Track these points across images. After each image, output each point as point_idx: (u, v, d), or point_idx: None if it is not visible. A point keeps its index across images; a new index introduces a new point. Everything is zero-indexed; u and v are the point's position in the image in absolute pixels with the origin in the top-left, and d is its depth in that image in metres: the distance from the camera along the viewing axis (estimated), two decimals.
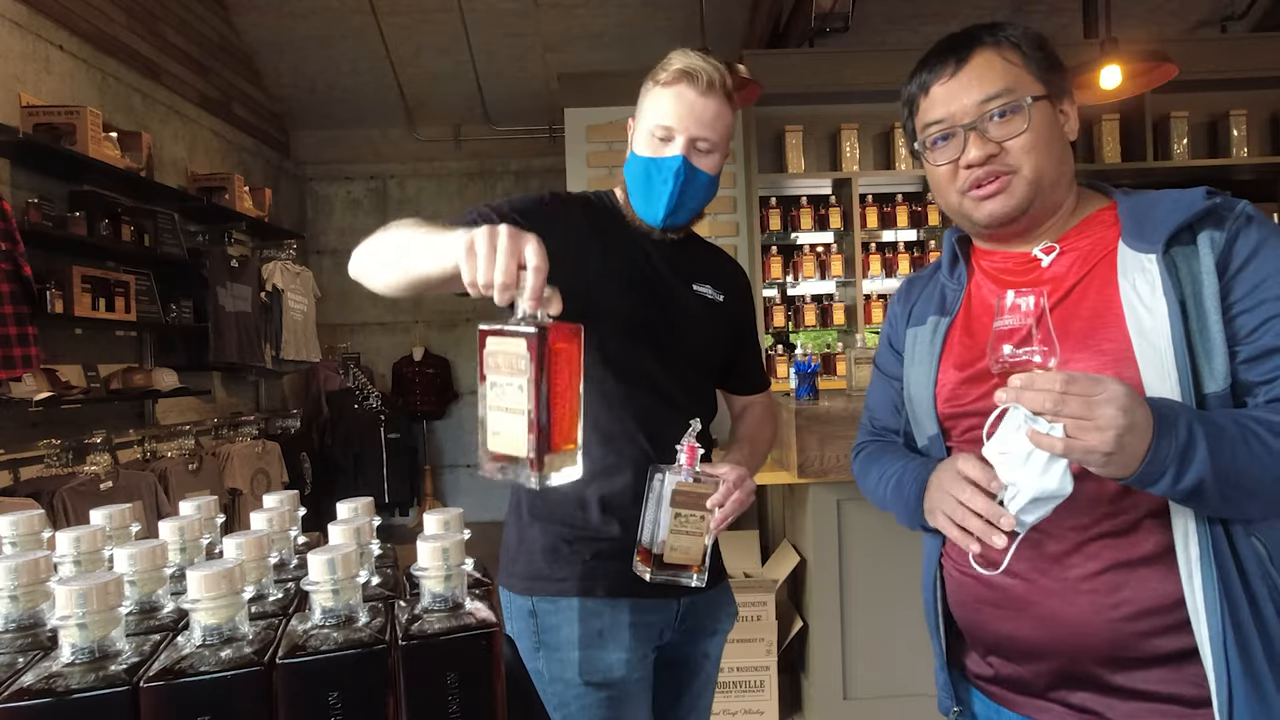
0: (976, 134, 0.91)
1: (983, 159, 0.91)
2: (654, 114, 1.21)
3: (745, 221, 4.39)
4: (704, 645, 1.32)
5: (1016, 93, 0.91)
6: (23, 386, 2.83)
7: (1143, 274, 0.84)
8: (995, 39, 0.94)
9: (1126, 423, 0.71)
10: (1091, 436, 0.72)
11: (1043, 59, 0.94)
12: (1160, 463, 0.74)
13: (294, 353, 4.64)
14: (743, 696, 2.53)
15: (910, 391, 1.04)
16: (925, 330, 1.02)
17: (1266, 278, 0.81)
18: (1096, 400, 0.72)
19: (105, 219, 3.28)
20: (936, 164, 0.96)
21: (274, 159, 5.39)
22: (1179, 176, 4.54)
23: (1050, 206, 0.94)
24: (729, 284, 1.37)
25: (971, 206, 0.95)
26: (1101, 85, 3.07)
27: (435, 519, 0.75)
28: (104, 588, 0.54)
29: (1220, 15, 4.91)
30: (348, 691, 0.57)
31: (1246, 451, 0.75)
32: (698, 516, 1.06)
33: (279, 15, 4.65)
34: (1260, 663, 0.79)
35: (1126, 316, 0.84)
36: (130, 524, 0.77)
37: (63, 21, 3.34)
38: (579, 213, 1.28)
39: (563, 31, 4.81)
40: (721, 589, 1.34)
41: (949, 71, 0.94)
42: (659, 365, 1.26)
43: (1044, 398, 0.73)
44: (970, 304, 1.01)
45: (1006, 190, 0.92)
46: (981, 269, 1.02)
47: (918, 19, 4.87)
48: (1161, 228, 0.85)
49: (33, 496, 2.68)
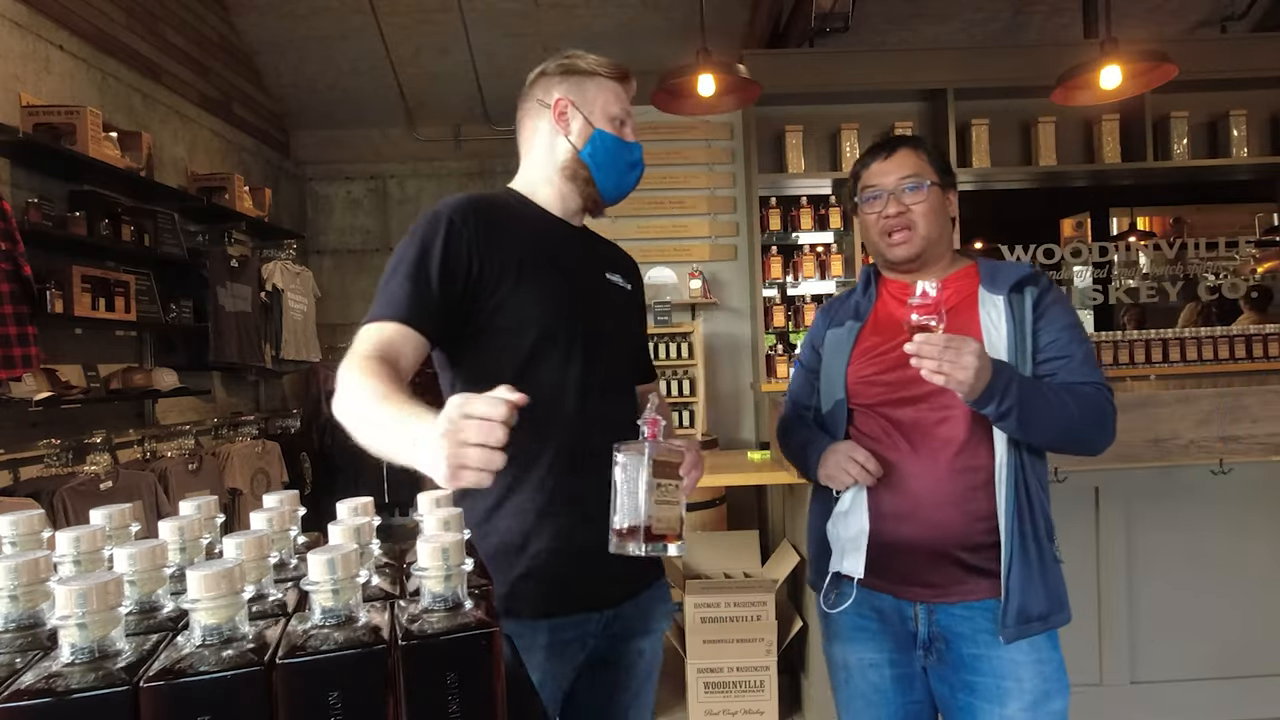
0: (894, 197, 1.42)
1: (896, 213, 1.41)
2: (614, 101, 1.29)
3: (745, 221, 4.39)
4: (637, 644, 1.29)
5: (922, 177, 1.42)
6: (23, 386, 2.83)
7: (994, 308, 1.37)
8: (913, 143, 1.46)
9: (979, 364, 1.18)
10: (960, 372, 1.17)
11: (940, 163, 1.46)
12: (993, 391, 1.21)
13: (294, 353, 4.64)
14: (743, 696, 2.53)
15: (828, 371, 1.49)
16: (843, 330, 1.48)
17: (1054, 320, 1.37)
18: (964, 351, 1.17)
19: (105, 219, 3.28)
20: (867, 214, 1.46)
21: (274, 159, 5.38)
22: (1179, 176, 4.54)
23: (936, 256, 1.45)
24: (630, 273, 1.42)
25: (886, 248, 1.45)
26: (1101, 85, 3.08)
27: (435, 519, 0.75)
28: (104, 588, 0.54)
29: (1220, 15, 4.91)
30: (348, 691, 0.57)
31: (1038, 397, 1.25)
32: (674, 485, 1.07)
33: (279, 15, 4.65)
34: (1031, 549, 1.30)
35: (982, 332, 1.34)
36: (130, 524, 0.77)
37: (63, 21, 3.34)
38: (508, 212, 1.26)
39: (563, 31, 4.81)
40: (656, 592, 1.32)
41: (884, 156, 1.46)
42: (599, 357, 1.24)
43: (934, 349, 1.18)
44: (877, 315, 1.47)
45: (909, 241, 1.41)
46: (889, 292, 1.49)
47: (918, 19, 4.87)
48: (1005, 282, 1.37)
49: (33, 496, 2.68)
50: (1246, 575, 2.45)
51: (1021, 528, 1.29)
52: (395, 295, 1.11)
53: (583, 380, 1.21)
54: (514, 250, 1.19)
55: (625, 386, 1.34)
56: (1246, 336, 4.24)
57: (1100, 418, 1.31)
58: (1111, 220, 6.36)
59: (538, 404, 1.08)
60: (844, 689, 1.48)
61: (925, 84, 4.17)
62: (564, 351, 1.20)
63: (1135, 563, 2.46)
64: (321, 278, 5.26)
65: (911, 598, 1.37)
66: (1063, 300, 1.41)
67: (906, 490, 1.35)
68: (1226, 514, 2.45)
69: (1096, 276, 4.71)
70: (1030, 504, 1.31)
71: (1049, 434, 1.29)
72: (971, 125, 4.21)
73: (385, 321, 1.09)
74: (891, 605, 1.39)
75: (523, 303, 1.17)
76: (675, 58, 3.25)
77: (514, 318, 1.17)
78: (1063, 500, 2.39)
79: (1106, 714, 2.45)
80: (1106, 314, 5.42)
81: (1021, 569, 1.28)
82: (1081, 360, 1.35)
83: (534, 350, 1.18)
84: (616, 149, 1.28)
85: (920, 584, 1.35)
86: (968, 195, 4.32)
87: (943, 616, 1.35)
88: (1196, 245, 4.53)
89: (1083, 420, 1.28)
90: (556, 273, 1.23)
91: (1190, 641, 2.46)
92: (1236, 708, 2.44)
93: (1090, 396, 1.30)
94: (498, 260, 1.17)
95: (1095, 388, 1.32)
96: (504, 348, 1.18)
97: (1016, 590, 1.28)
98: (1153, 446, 2.22)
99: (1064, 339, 1.36)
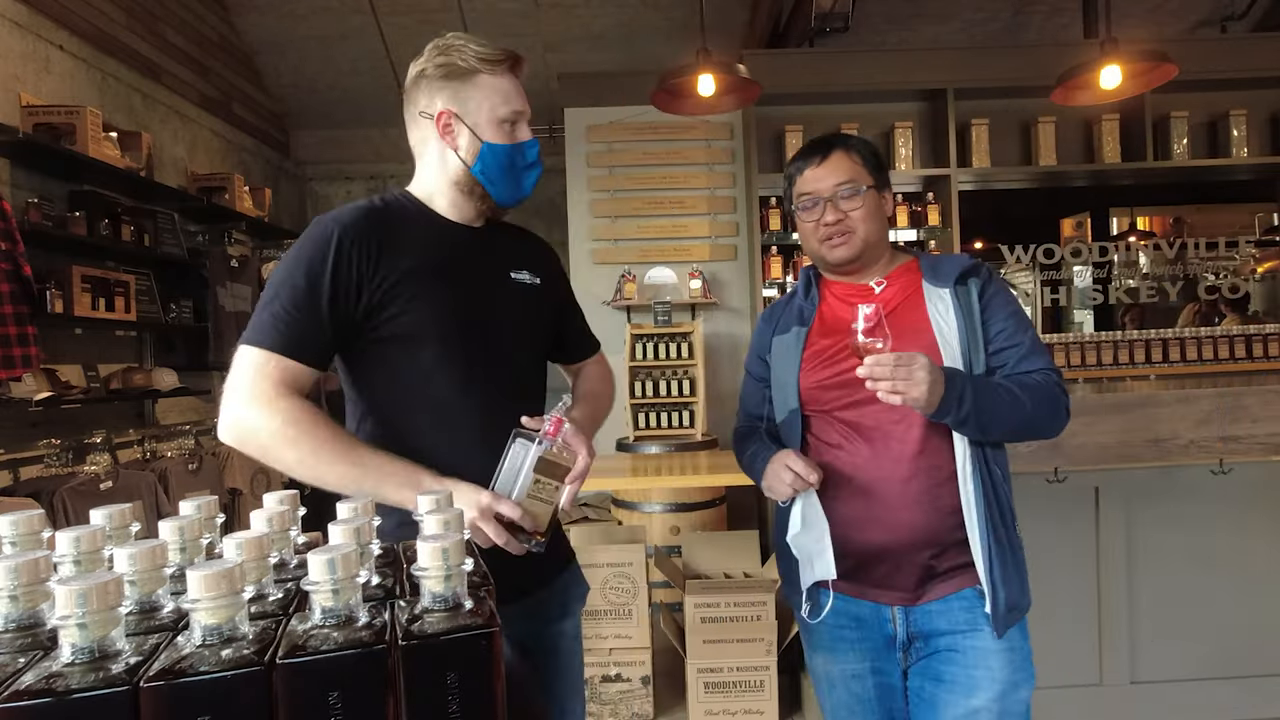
0: (831, 204, 1.40)
1: (834, 220, 1.40)
2: (500, 101, 1.23)
3: (745, 221, 4.39)
4: (557, 626, 1.32)
5: (857, 182, 1.40)
6: (23, 386, 2.83)
7: (941, 301, 1.37)
8: (846, 145, 1.42)
9: (931, 379, 1.19)
10: (914, 389, 1.19)
11: (875, 163, 1.43)
12: (949, 401, 1.22)
13: None
14: (743, 696, 2.53)
15: (778, 379, 1.46)
16: (790, 337, 1.45)
17: (1000, 308, 1.39)
18: (913, 369, 1.19)
19: (105, 219, 3.28)
20: (805, 221, 1.44)
21: (274, 159, 5.39)
22: (1179, 176, 4.54)
23: (874, 257, 1.45)
24: (541, 264, 1.38)
25: (826, 252, 1.43)
26: (1101, 85, 3.07)
27: (435, 519, 0.75)
28: (104, 588, 0.54)
29: (1220, 15, 4.91)
30: (348, 691, 0.57)
31: (992, 398, 1.27)
32: (553, 486, 1.11)
33: (279, 15, 4.65)
34: (1004, 539, 1.31)
35: (932, 326, 1.35)
36: (130, 524, 0.77)
37: (63, 21, 3.34)
38: (400, 224, 1.24)
39: (563, 31, 4.81)
40: (569, 575, 1.36)
41: (817, 161, 1.42)
42: (497, 362, 1.25)
43: (885, 369, 1.19)
44: (823, 317, 1.45)
45: (848, 244, 1.40)
46: (832, 293, 1.48)
47: (918, 19, 4.87)
48: (949, 274, 1.38)
49: (33, 496, 2.68)
50: (1246, 575, 2.45)
51: (991, 519, 1.30)
52: (284, 325, 1.12)
53: (487, 382, 1.23)
54: (404, 264, 1.18)
55: (533, 382, 1.35)
56: (1246, 336, 4.24)
57: (1053, 406, 1.33)
58: (1111, 220, 6.35)
59: (442, 406, 1.18)
60: (828, 700, 1.48)
61: (925, 84, 4.17)
62: (462, 357, 1.21)
63: (1135, 563, 2.46)
64: None
65: (888, 601, 1.37)
66: (1005, 289, 1.43)
67: (872, 494, 1.34)
68: (1226, 514, 2.45)
69: (1096, 276, 4.71)
70: (996, 495, 1.32)
71: (1005, 431, 1.31)
72: (971, 125, 4.21)
73: (275, 354, 1.11)
74: (870, 611, 1.39)
75: (416, 315, 1.18)
76: (675, 58, 3.25)
77: (408, 330, 1.18)
78: (1063, 500, 2.40)
79: (1106, 714, 2.45)
80: (1106, 314, 5.42)
81: (1000, 561, 1.30)
82: (1029, 346, 1.37)
83: (433, 359, 1.19)
84: (507, 158, 1.24)
85: (896, 588, 1.36)
86: (968, 195, 4.32)
87: (919, 615, 1.36)
88: (1196, 245, 4.53)
89: (1035, 411, 1.30)
90: (448, 282, 1.22)
91: (1190, 641, 2.46)
92: (1236, 708, 2.44)
93: (1041, 387, 1.32)
94: (388, 278, 1.17)
95: (1044, 374, 1.34)
96: (401, 357, 1.19)
97: (1000, 583, 1.29)
98: (1153, 446, 2.22)
99: (1010, 327, 1.37)
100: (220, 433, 1.13)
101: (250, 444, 1.11)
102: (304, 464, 1.09)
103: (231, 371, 1.13)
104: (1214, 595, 2.45)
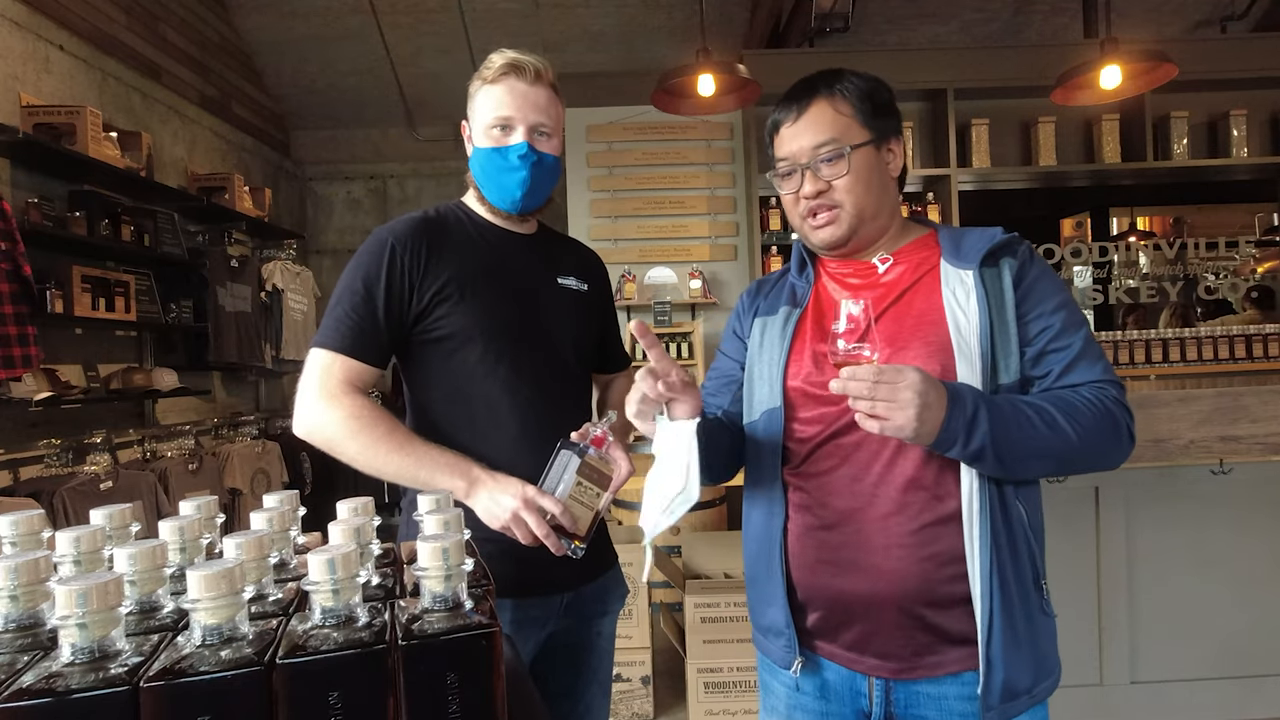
0: (810, 173, 1.10)
1: (814, 193, 1.10)
2: (489, 109, 1.27)
3: (745, 221, 4.39)
4: (595, 626, 1.37)
5: (840, 142, 1.09)
6: (23, 386, 2.83)
7: (961, 285, 1.05)
8: (830, 91, 1.11)
9: (922, 402, 0.90)
10: (898, 414, 0.91)
11: (870, 108, 1.10)
12: (953, 431, 0.93)
13: (294, 353, 4.64)
14: (743, 696, 2.53)
15: (756, 371, 1.17)
16: (777, 319, 1.17)
17: (1043, 298, 1.06)
18: (899, 387, 0.91)
19: (105, 219, 3.28)
20: (784, 192, 1.16)
21: (274, 159, 5.38)
22: (1179, 176, 4.54)
23: (875, 232, 1.13)
24: (589, 272, 1.44)
25: (810, 231, 1.14)
26: (1101, 85, 3.08)
27: (435, 519, 0.75)
28: (104, 588, 0.54)
29: (1220, 15, 4.90)
30: (348, 691, 0.57)
31: (1017, 427, 0.96)
32: (595, 492, 1.16)
33: (279, 15, 4.64)
34: (1015, 602, 1.00)
35: (947, 317, 1.04)
36: (130, 524, 0.77)
37: (63, 21, 3.34)
38: (450, 232, 1.32)
39: (563, 31, 4.81)
40: (611, 576, 1.40)
41: (793, 117, 1.13)
42: (542, 363, 1.31)
43: (861, 386, 0.92)
44: (819, 300, 1.17)
45: (835, 221, 1.11)
46: (828, 272, 1.19)
47: (918, 19, 4.87)
48: (974, 252, 1.07)
49: (33, 496, 2.68)
50: (1247, 575, 2.45)
51: (1001, 574, 0.99)
52: (346, 328, 1.23)
53: (534, 382, 1.28)
54: (451, 269, 1.26)
55: (579, 385, 1.40)
56: (1246, 336, 4.24)
57: (1110, 434, 1.00)
58: (1111, 220, 6.35)
59: (489, 405, 1.25)
60: None
61: (925, 84, 4.17)
62: (508, 357, 1.27)
63: (1135, 563, 2.46)
64: (321, 278, 5.26)
65: (866, 670, 1.06)
66: (1049, 273, 1.10)
67: (847, 528, 1.05)
68: (1226, 514, 2.44)
69: (1096, 276, 4.71)
70: (1012, 543, 1.01)
71: (1038, 468, 1.00)
72: (971, 125, 4.21)
73: (340, 355, 1.23)
74: (842, 678, 1.09)
75: (461, 317, 1.25)
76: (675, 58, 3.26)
77: (454, 330, 1.25)
78: (1063, 500, 2.40)
79: (1106, 714, 2.45)
80: (1106, 314, 5.42)
81: (1005, 632, 0.99)
82: (1080, 349, 1.04)
83: (478, 358, 1.26)
84: (489, 161, 1.28)
85: (877, 654, 1.05)
86: (968, 195, 4.33)
87: (903, 694, 1.05)
88: (1196, 245, 4.53)
89: (1085, 442, 0.98)
90: (493, 284, 1.28)
91: (1190, 641, 2.46)
92: (1236, 708, 2.44)
93: (1093, 406, 1.00)
94: (437, 283, 1.25)
95: (1097, 388, 1.02)
96: (449, 357, 1.27)
97: (999, 661, 0.99)
98: (1153, 446, 2.21)
99: (1057, 324, 1.04)
100: (294, 427, 1.23)
101: (318, 436, 1.21)
102: (364, 454, 1.18)
103: (304, 371, 1.25)
104: (1214, 595, 2.45)
